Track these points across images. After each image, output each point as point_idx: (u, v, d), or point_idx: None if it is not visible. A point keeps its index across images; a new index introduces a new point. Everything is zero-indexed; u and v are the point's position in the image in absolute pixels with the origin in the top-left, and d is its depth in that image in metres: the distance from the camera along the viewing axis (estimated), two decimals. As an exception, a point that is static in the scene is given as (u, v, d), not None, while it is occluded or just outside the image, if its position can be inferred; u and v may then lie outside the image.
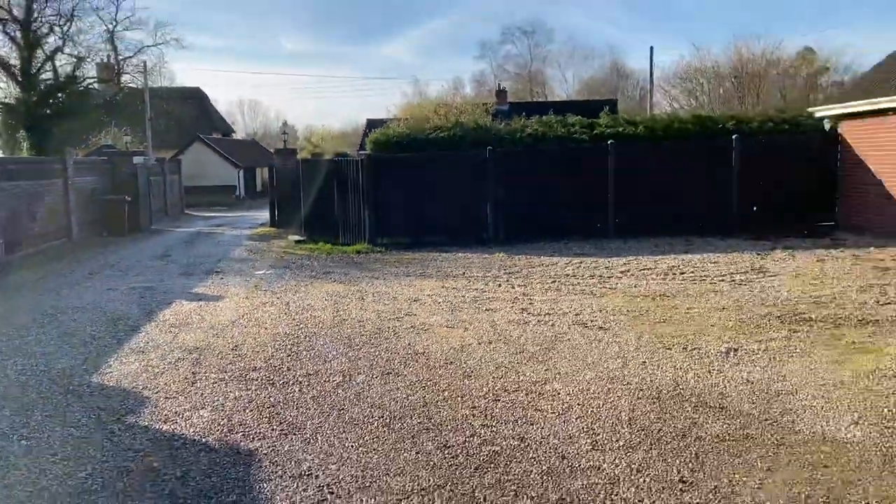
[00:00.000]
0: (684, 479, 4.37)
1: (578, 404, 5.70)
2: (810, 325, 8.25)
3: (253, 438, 5.09)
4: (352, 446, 4.88)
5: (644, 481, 4.34)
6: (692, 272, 11.93)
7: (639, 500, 4.09)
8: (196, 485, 4.30)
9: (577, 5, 69.44)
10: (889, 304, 9.23)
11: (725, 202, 17.50)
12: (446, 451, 4.78)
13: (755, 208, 17.45)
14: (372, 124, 39.91)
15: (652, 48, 47.64)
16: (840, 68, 48.57)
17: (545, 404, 5.71)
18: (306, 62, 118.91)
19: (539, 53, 65.81)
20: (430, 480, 4.31)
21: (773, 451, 4.78)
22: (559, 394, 5.97)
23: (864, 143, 16.45)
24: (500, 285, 11.14)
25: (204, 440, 5.09)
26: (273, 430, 5.26)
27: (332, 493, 4.16)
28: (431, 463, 4.59)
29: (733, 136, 17.41)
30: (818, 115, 18.16)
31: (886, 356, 6.91)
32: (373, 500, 4.06)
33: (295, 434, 5.16)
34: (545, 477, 4.37)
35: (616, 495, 4.15)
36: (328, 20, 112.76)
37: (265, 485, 4.30)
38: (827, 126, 17.86)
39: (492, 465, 4.54)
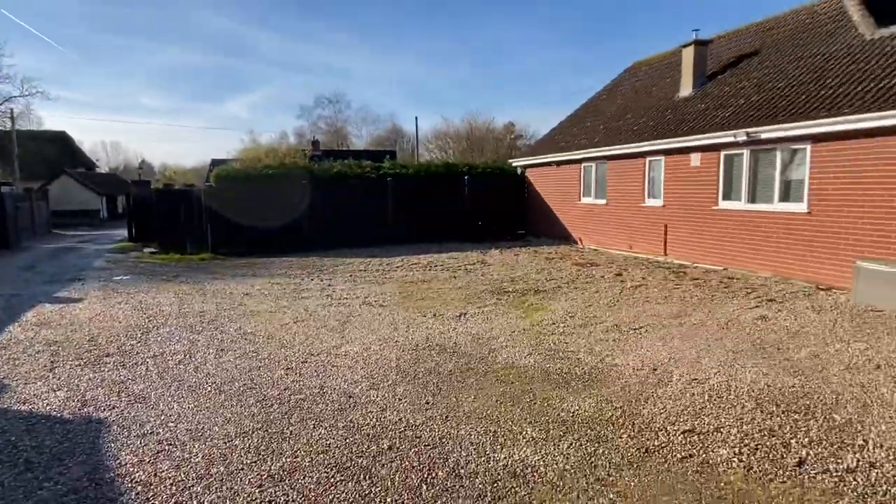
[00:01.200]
0: (428, 401, 4.62)
1: (363, 359, 5.73)
2: (509, 295, 8.96)
3: (103, 409, 4.51)
4: (188, 408, 4.52)
5: (403, 405, 4.52)
6: (441, 265, 12.48)
7: (399, 419, 4.27)
8: (50, 451, 3.77)
9: (368, 85, 70.13)
10: (551, 279, 10.30)
11: (462, 218, 18.48)
12: (264, 403, 4.61)
13: (480, 223, 18.63)
14: (216, 162, 37.64)
15: (417, 118, 49.35)
16: (529, 134, 53.29)
17: (340, 361, 5.67)
18: (163, 113, 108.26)
19: (342, 116, 65.06)
20: (250, 426, 4.15)
21: (483, 376, 5.17)
22: (349, 353, 5.94)
23: (537, 181, 18.26)
24: (312, 280, 10.83)
25: (59, 415, 4.42)
26: (121, 401, 4.68)
27: (171, 444, 3.86)
28: (252, 413, 4.41)
29: (465, 176, 18.52)
30: (514, 164, 19.81)
31: (549, 311, 7.76)
32: (203, 445, 3.84)
33: (140, 403, 4.64)
34: (336, 412, 4.39)
35: (384, 417, 4.30)
36: (181, 81, 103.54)
37: (113, 444, 3.87)
38: (518, 171, 19.54)
39: (298, 409, 4.46)
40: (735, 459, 3.56)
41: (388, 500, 3.15)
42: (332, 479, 3.37)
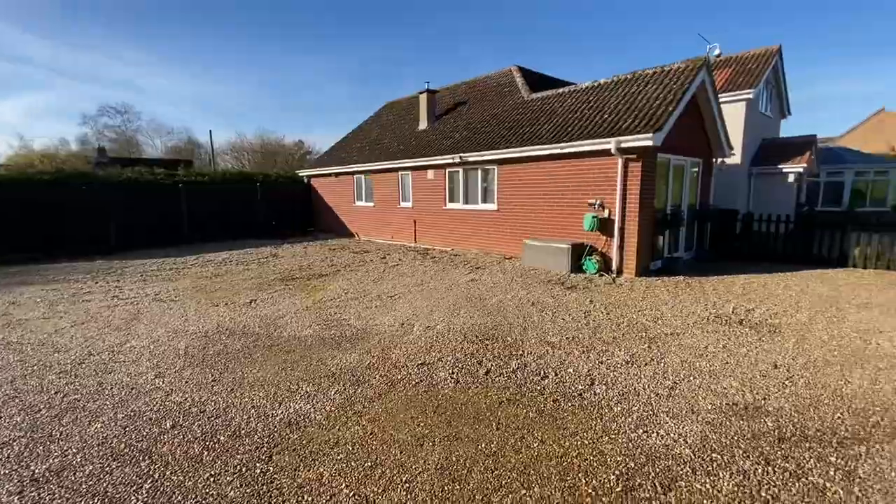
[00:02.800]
0: (215, 378, 4.12)
1: (149, 352, 4.78)
2: (296, 280, 8.51)
3: None
4: (-63, 429, 3.26)
5: (189, 387, 3.94)
6: (236, 260, 11.18)
7: (184, 399, 3.71)
8: None
9: (159, 97, 57.48)
10: (333, 265, 10.12)
11: (258, 220, 16.89)
12: (30, 410, 3.56)
13: (274, 223, 17.27)
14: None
15: (210, 131, 42.95)
16: (316, 150, 51.02)
17: (124, 357, 4.63)
18: None
19: (132, 126, 52.43)
20: (11, 435, 3.18)
21: (268, 350, 4.80)
22: (135, 349, 4.89)
23: (322, 188, 17.69)
24: (97, 283, 8.56)
25: None
26: None
27: None
28: (14, 423, 3.38)
29: (258, 184, 16.89)
30: (301, 174, 18.78)
31: (329, 290, 7.60)
32: (-46, 463, 2.80)
33: None
34: (117, 405, 3.61)
35: (169, 400, 3.69)
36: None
37: None
38: (305, 180, 18.62)
39: (71, 410, 3.55)
40: (449, 378, 4.02)
41: (168, 472, 2.73)
42: (108, 468, 2.77)
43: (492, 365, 4.30)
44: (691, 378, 3.95)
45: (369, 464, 2.79)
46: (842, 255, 9.05)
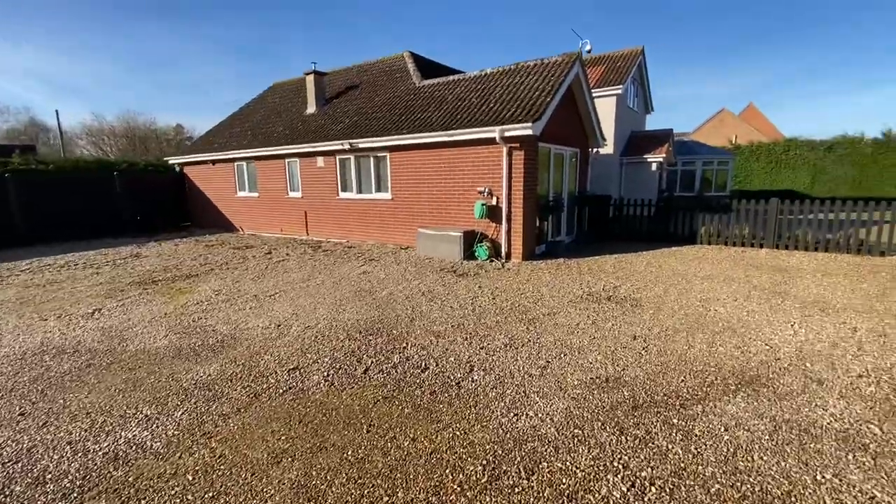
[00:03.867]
0: (24, 411, 3.33)
1: (-72, 386, 3.73)
2: (158, 283, 7.43)
3: None
4: None
5: (-19, 426, 3.13)
6: (85, 263, 9.46)
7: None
8: None
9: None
10: (206, 264, 9.05)
11: (120, 214, 14.55)
12: None
13: (139, 217, 15.04)
14: None
15: (57, 111, 36.11)
16: (197, 136, 45.70)
17: None
18: None
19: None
20: None
21: (105, 369, 4.05)
22: None
23: (198, 178, 15.79)
24: None
25: None
26: None
27: None
28: None
29: (116, 173, 14.51)
30: (171, 162, 16.56)
31: (196, 293, 6.74)
32: None
33: None
34: None
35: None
36: None
37: None
38: (177, 168, 16.47)
39: None
40: (323, 382, 3.73)
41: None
42: None
43: (372, 361, 4.10)
44: (562, 356, 4.16)
45: (211, 494, 2.42)
46: (692, 234, 10.45)
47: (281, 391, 3.58)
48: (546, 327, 4.92)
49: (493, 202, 8.75)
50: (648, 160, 15.65)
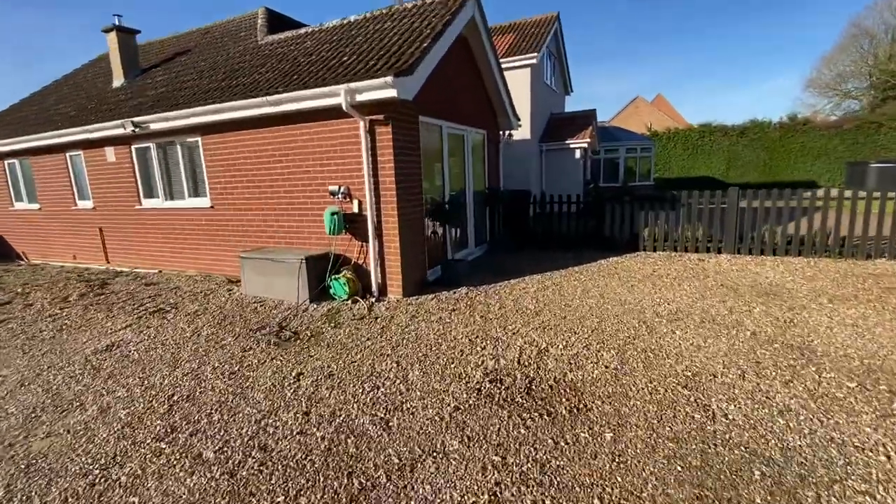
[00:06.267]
0: None
1: None
2: None
3: None
4: None
5: None
6: None
7: None
8: None
9: None
10: None
11: None
12: None
13: None
14: None
15: None
16: None
17: None
18: None
19: None
20: None
21: None
22: None
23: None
24: None
25: None
26: None
27: None
28: None
29: None
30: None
31: None
32: None
33: None
34: None
35: None
36: None
37: None
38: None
39: None
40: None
41: None
42: None
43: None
44: None
45: None
46: (632, 237, 8.17)
47: None
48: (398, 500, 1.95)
49: (354, 208, 5.67)
50: (571, 146, 13.48)
